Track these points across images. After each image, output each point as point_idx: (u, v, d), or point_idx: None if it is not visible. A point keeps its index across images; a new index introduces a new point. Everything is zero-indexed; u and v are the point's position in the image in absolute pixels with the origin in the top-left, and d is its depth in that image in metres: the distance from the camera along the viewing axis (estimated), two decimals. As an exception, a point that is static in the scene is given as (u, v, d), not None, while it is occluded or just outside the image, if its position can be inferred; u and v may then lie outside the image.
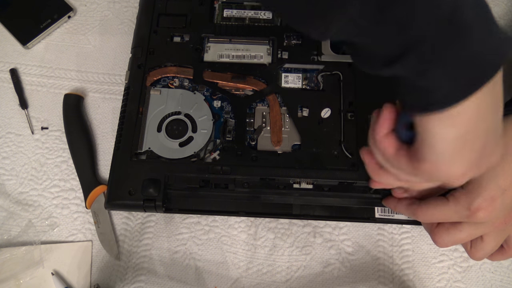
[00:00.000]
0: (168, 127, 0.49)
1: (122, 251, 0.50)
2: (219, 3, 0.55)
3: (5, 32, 0.59)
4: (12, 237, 0.50)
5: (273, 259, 0.49)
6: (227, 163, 0.47)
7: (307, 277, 0.48)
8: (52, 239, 0.50)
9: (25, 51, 0.59)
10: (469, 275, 0.48)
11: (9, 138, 0.55)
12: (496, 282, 0.48)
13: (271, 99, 0.50)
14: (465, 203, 0.36)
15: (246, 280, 0.48)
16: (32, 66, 0.58)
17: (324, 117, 0.49)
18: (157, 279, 0.48)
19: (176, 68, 0.52)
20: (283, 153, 0.48)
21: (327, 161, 0.47)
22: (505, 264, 0.48)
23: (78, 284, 0.48)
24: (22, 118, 0.56)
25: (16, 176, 0.53)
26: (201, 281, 0.48)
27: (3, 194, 0.52)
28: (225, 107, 0.50)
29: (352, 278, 0.48)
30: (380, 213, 0.46)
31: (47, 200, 0.52)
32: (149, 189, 0.45)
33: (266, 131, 0.49)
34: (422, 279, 0.48)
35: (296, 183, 0.47)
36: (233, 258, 0.49)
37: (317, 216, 0.47)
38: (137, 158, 0.48)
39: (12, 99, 0.57)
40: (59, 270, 0.49)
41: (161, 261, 0.49)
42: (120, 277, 0.49)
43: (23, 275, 0.48)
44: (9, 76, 0.57)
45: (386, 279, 0.48)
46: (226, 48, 0.53)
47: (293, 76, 0.52)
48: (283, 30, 0.53)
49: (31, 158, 0.54)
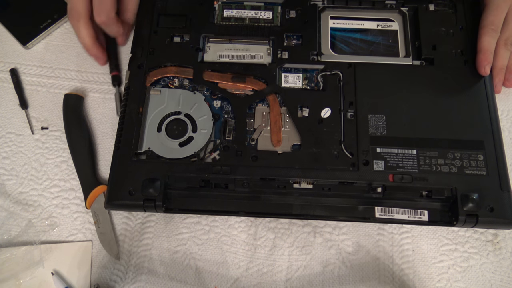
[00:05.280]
0: (168, 127, 0.49)
1: (122, 251, 0.49)
2: (219, 3, 0.55)
3: (5, 32, 0.59)
4: (12, 237, 0.50)
5: (273, 259, 0.49)
6: (227, 163, 0.47)
7: (307, 277, 0.48)
8: (52, 239, 0.50)
9: (25, 51, 0.59)
10: (469, 275, 0.48)
11: (9, 138, 0.55)
12: (496, 282, 0.48)
13: (271, 99, 0.50)
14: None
15: (246, 280, 0.48)
16: (32, 66, 0.58)
17: (324, 117, 0.49)
18: (157, 279, 0.48)
19: (176, 68, 0.52)
20: (283, 153, 0.48)
21: (327, 161, 0.47)
22: (505, 264, 0.48)
23: (78, 284, 0.48)
24: (22, 118, 0.56)
25: (16, 176, 0.53)
26: (201, 281, 0.48)
27: (3, 194, 0.52)
28: (225, 107, 0.50)
29: (352, 278, 0.48)
30: (380, 213, 0.46)
31: (47, 200, 0.52)
32: (149, 189, 0.45)
33: (266, 131, 0.49)
34: (422, 279, 0.48)
35: (296, 183, 0.47)
36: (233, 258, 0.49)
37: (317, 216, 0.47)
38: (137, 158, 0.48)
39: (12, 99, 0.56)
40: (59, 270, 0.49)
41: (161, 261, 0.49)
42: (120, 277, 0.49)
43: (23, 275, 0.48)
44: (9, 76, 0.57)
45: (386, 279, 0.48)
46: (226, 48, 0.53)
47: (293, 76, 0.52)
48: (283, 30, 0.53)
49: (31, 158, 0.54)
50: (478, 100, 0.49)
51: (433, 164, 0.46)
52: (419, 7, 0.54)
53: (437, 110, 0.49)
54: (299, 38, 0.53)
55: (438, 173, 0.46)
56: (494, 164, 0.46)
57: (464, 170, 0.46)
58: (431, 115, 0.49)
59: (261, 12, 0.55)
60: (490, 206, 0.45)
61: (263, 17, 0.54)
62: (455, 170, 0.46)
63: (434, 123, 0.48)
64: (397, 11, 0.55)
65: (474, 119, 0.48)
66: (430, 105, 0.49)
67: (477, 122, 0.48)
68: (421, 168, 0.46)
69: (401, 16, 0.55)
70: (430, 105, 0.49)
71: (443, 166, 0.46)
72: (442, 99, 0.49)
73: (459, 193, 0.45)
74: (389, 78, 0.50)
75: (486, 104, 0.49)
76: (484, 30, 0.51)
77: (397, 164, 0.46)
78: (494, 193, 0.45)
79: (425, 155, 0.47)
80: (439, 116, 0.48)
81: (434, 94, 0.50)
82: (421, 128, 0.48)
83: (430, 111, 0.49)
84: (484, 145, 0.47)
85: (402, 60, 0.52)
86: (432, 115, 0.49)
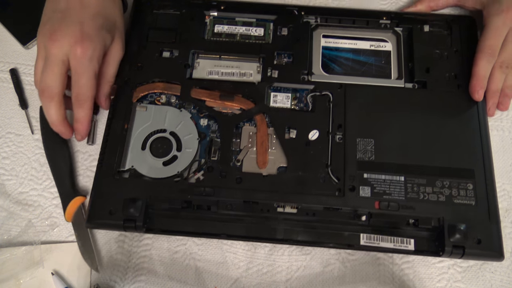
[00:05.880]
0: (153, 145, 0.48)
1: (122, 251, 0.49)
2: (210, 18, 0.55)
3: (5, 32, 0.59)
4: (12, 237, 0.49)
5: (273, 259, 0.49)
6: (210, 184, 0.46)
7: (307, 277, 0.48)
8: (52, 239, 0.50)
9: (25, 51, 0.58)
10: (469, 275, 0.48)
11: (9, 138, 0.54)
12: (496, 282, 0.48)
13: (259, 119, 0.49)
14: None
15: (246, 280, 0.48)
16: (32, 66, 0.57)
17: (312, 139, 0.48)
18: (157, 279, 0.48)
19: (163, 84, 0.51)
20: (269, 175, 0.47)
21: (313, 185, 0.46)
22: (505, 264, 0.48)
23: (78, 284, 0.48)
24: (22, 118, 0.55)
25: (16, 176, 0.53)
26: (201, 281, 0.48)
27: (3, 194, 0.51)
28: (211, 125, 0.50)
29: (352, 278, 0.48)
30: (365, 240, 0.45)
31: (47, 200, 0.51)
32: (130, 209, 0.45)
33: (252, 152, 0.48)
34: (422, 279, 0.48)
35: (280, 207, 0.46)
36: (233, 258, 0.49)
37: (301, 241, 0.46)
38: (120, 176, 0.47)
39: (12, 99, 0.56)
40: (59, 270, 0.48)
41: (161, 261, 0.49)
42: (120, 277, 0.48)
43: (23, 275, 0.48)
44: (9, 76, 0.57)
45: (386, 279, 0.48)
46: (216, 65, 0.52)
47: (282, 96, 0.51)
48: (274, 48, 0.52)
49: (31, 158, 0.53)
50: (470, 126, 0.48)
51: (421, 192, 0.45)
52: (413, 27, 0.53)
53: (427, 135, 0.48)
54: (290, 56, 0.52)
55: (425, 201, 0.45)
56: (483, 193, 0.45)
57: (452, 199, 0.45)
58: (421, 140, 0.48)
59: (253, 28, 0.54)
60: (478, 238, 0.44)
61: (255, 33, 0.54)
62: (443, 198, 0.45)
63: (424, 149, 0.47)
64: (391, 31, 0.54)
65: (465, 146, 0.47)
66: (420, 130, 0.48)
67: (468, 149, 0.47)
68: (408, 195, 0.45)
69: (395, 37, 0.54)
70: (421, 130, 0.48)
71: (431, 195, 0.45)
72: (433, 124, 0.48)
73: (446, 223, 0.44)
74: (380, 101, 0.49)
75: (478, 131, 0.48)
76: (480, 54, 0.50)
77: (384, 191, 0.45)
78: (482, 224, 0.44)
79: (413, 182, 0.46)
80: (429, 142, 0.47)
81: (425, 119, 0.49)
82: (410, 154, 0.47)
83: (420, 136, 0.48)
84: (474, 174, 0.46)
85: (394, 83, 0.51)
86: (422, 140, 0.48)
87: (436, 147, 0.47)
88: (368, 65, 0.52)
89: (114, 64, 0.50)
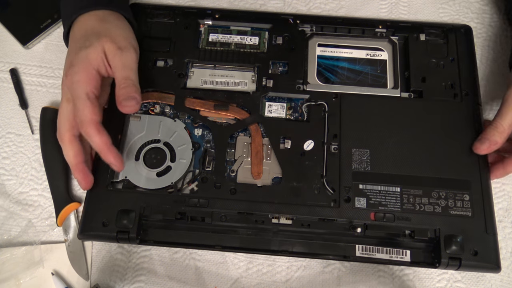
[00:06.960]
0: (146, 156, 0.48)
1: (122, 251, 0.49)
2: (205, 27, 0.54)
3: (5, 32, 0.58)
4: (12, 237, 0.50)
5: (273, 259, 0.49)
6: (204, 195, 0.46)
7: (307, 277, 0.48)
8: (52, 239, 0.50)
9: (25, 51, 0.58)
10: (469, 275, 0.48)
11: (9, 138, 0.54)
12: (496, 282, 0.48)
13: (253, 129, 0.49)
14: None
15: (246, 280, 0.48)
16: (32, 66, 0.58)
17: (307, 149, 0.48)
18: (157, 279, 0.48)
19: (157, 94, 0.50)
20: (263, 186, 0.46)
21: (308, 196, 0.45)
22: (505, 264, 0.48)
23: (78, 284, 0.48)
24: (22, 118, 0.55)
25: (16, 176, 0.52)
26: (201, 281, 0.48)
27: (3, 194, 0.51)
28: (206, 135, 0.49)
29: (352, 278, 0.48)
30: (361, 251, 0.45)
31: (47, 200, 0.51)
32: (123, 220, 0.44)
33: (246, 162, 0.48)
34: (422, 279, 0.48)
35: (275, 218, 0.45)
36: (233, 258, 0.49)
37: (296, 252, 0.45)
38: (113, 187, 0.46)
39: (12, 99, 0.56)
40: (59, 270, 0.48)
41: (161, 261, 0.49)
42: (120, 277, 0.48)
43: (23, 275, 0.48)
44: (9, 76, 0.57)
45: (386, 279, 0.48)
46: (210, 74, 0.52)
47: (277, 105, 0.50)
48: (269, 57, 0.52)
49: (31, 158, 0.53)
50: (466, 136, 0.48)
51: (417, 203, 0.45)
52: (409, 36, 0.53)
53: (423, 145, 0.47)
54: (285, 65, 0.52)
55: (421, 212, 0.45)
56: (480, 205, 0.45)
57: (448, 210, 0.45)
58: (417, 151, 0.47)
59: (248, 37, 0.53)
60: (474, 250, 0.43)
61: (249, 42, 0.53)
62: (439, 210, 0.45)
63: (420, 160, 0.47)
64: (387, 40, 0.54)
65: (461, 156, 0.47)
66: (416, 140, 0.48)
67: (465, 160, 0.47)
68: (404, 207, 0.45)
69: (391, 46, 0.53)
70: (417, 140, 0.48)
71: (427, 206, 0.45)
72: (430, 134, 0.48)
73: (442, 235, 0.44)
74: (376, 111, 0.49)
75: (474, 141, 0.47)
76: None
77: (380, 202, 0.45)
78: (479, 235, 0.44)
79: (409, 193, 0.45)
80: (426, 152, 0.47)
81: (422, 128, 0.48)
82: (406, 164, 0.47)
83: (417, 146, 0.47)
84: (470, 185, 0.46)
85: (390, 92, 0.51)
86: (418, 151, 0.47)
87: (433, 157, 0.47)
88: (364, 74, 0.52)
89: (120, 69, 0.46)
